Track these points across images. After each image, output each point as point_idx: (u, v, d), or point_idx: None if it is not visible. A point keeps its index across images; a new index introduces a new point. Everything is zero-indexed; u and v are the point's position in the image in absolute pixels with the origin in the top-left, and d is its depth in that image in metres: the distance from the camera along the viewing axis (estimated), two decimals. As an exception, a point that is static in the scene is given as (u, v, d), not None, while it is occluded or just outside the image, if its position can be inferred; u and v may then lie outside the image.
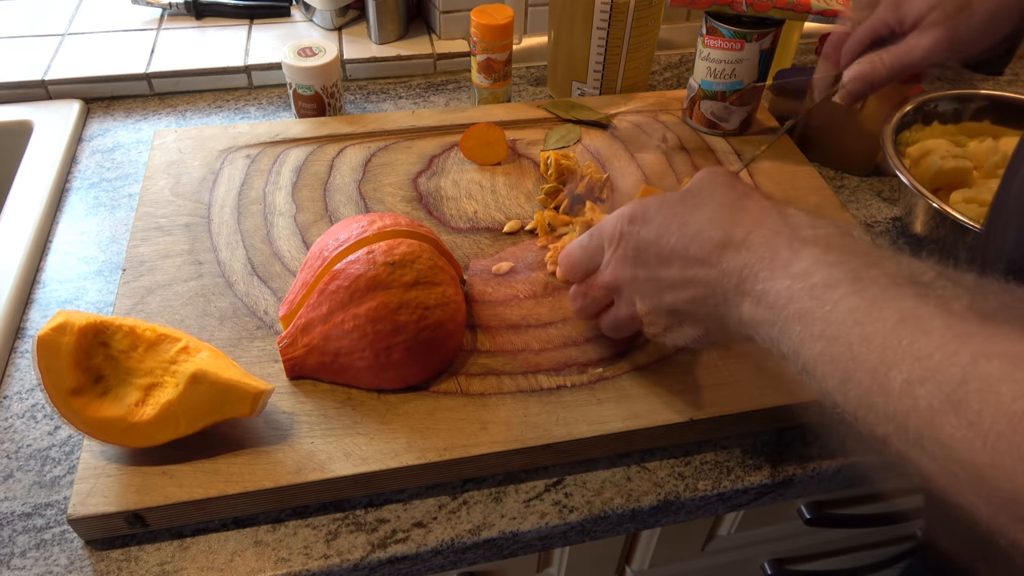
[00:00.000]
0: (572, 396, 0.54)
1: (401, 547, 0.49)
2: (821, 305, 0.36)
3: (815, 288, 0.36)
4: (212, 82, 0.87)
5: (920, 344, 0.31)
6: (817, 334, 0.36)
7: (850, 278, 0.36)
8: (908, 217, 0.71)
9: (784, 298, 0.38)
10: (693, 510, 0.54)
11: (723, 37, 0.72)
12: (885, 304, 0.34)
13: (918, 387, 0.31)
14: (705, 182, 0.47)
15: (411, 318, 0.51)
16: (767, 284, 0.39)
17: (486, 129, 0.73)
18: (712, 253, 0.42)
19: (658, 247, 0.45)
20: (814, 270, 0.37)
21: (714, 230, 0.43)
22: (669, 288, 0.45)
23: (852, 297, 0.35)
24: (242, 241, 0.64)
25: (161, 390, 0.48)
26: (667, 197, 0.47)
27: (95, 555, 0.48)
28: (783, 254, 0.39)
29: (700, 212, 0.44)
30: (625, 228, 0.47)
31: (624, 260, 0.47)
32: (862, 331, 0.34)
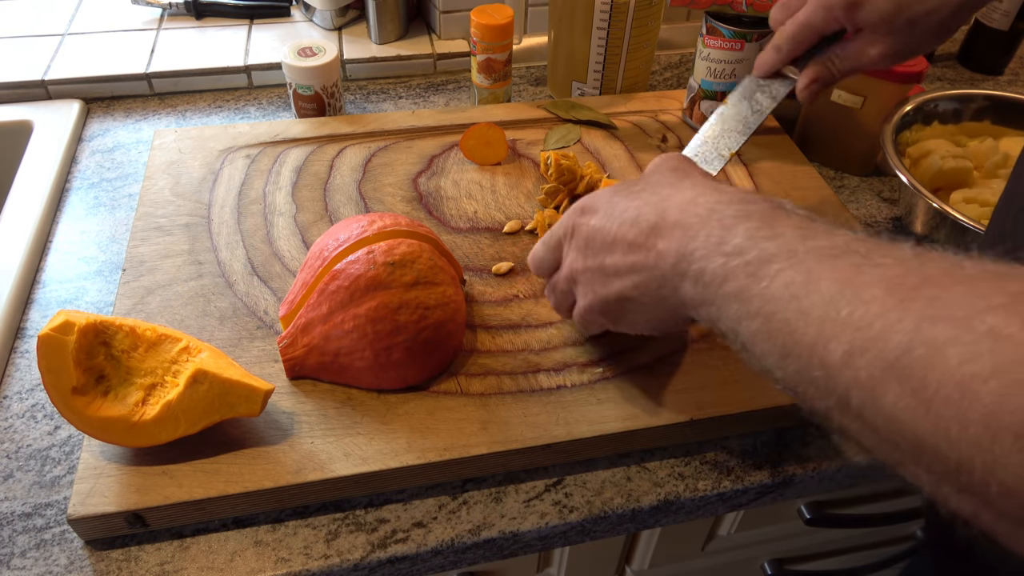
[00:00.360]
0: (572, 396, 0.54)
1: (401, 547, 0.49)
2: (757, 281, 0.35)
3: (750, 264, 0.36)
4: (212, 82, 0.87)
5: (859, 313, 0.30)
6: (754, 311, 0.35)
7: (785, 252, 0.35)
8: (908, 217, 0.71)
9: (720, 277, 0.37)
10: (693, 510, 0.54)
11: (723, 37, 0.72)
12: (822, 276, 0.33)
13: (858, 358, 0.30)
14: (653, 168, 0.47)
15: (411, 318, 0.51)
16: (703, 263, 0.38)
17: (486, 129, 0.73)
18: (649, 236, 0.42)
19: (602, 235, 0.45)
20: (748, 246, 0.36)
21: (650, 213, 0.43)
22: (614, 276, 0.45)
23: (788, 271, 0.34)
24: (242, 241, 0.64)
25: (162, 390, 0.48)
26: (615, 187, 0.47)
27: (95, 555, 0.48)
28: (716, 232, 0.38)
29: (641, 197, 0.44)
30: (576, 220, 0.47)
31: (577, 252, 0.47)
32: (799, 305, 0.33)
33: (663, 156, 0.48)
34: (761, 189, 0.72)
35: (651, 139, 0.78)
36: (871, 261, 0.33)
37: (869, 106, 0.75)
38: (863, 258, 0.33)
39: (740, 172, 0.75)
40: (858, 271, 0.32)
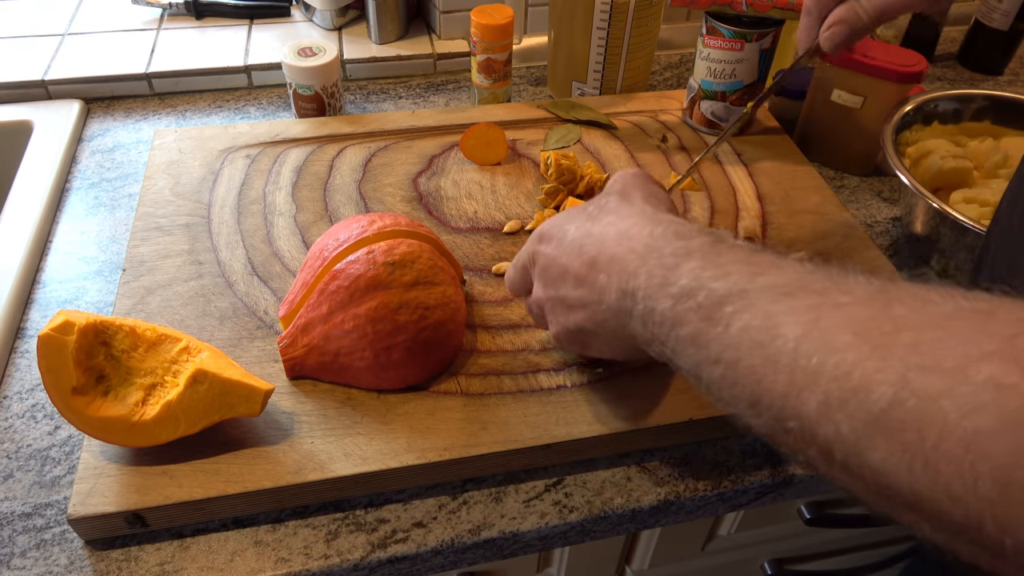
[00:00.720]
0: (572, 396, 0.54)
1: (401, 547, 0.49)
2: (712, 326, 0.34)
3: (702, 308, 0.34)
4: (212, 82, 0.87)
5: (833, 362, 0.29)
6: (714, 357, 0.34)
7: (736, 292, 0.33)
8: (908, 217, 0.71)
9: (670, 320, 0.36)
10: (693, 510, 0.54)
11: (723, 37, 0.72)
12: (781, 319, 0.31)
13: (837, 410, 0.28)
14: (607, 187, 0.46)
15: (411, 318, 0.51)
16: (649, 304, 0.37)
17: (486, 129, 0.73)
18: (590, 270, 0.41)
19: (556, 266, 0.44)
20: (695, 287, 0.35)
21: (591, 245, 0.41)
22: (570, 308, 0.44)
23: (743, 314, 0.33)
24: (242, 241, 0.65)
25: (162, 390, 0.48)
26: (573, 212, 0.45)
27: (95, 555, 0.48)
28: (657, 272, 0.37)
29: (585, 226, 0.43)
30: (536, 248, 0.46)
31: (539, 280, 0.46)
32: (763, 352, 0.31)
33: (620, 174, 0.47)
34: (761, 189, 0.72)
35: (651, 139, 0.78)
36: (830, 300, 0.31)
37: (869, 106, 0.75)
38: (820, 296, 0.31)
39: (740, 172, 0.75)
40: (820, 312, 0.30)
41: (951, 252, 0.67)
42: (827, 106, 0.77)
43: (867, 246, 0.67)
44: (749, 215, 0.70)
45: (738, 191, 0.72)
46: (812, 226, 0.69)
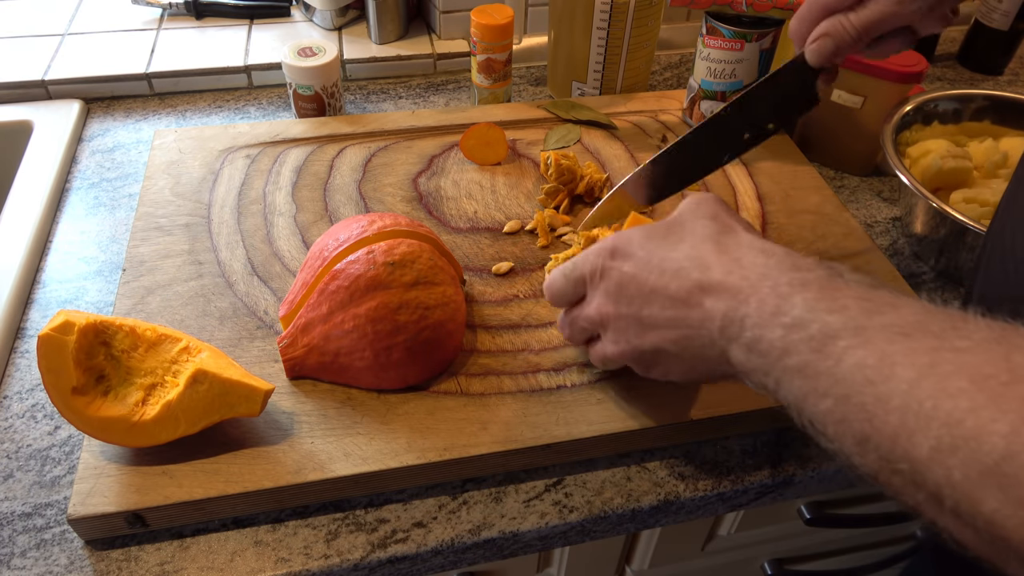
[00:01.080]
0: (572, 396, 0.54)
1: (401, 547, 0.49)
2: (824, 359, 0.33)
3: (813, 339, 0.34)
4: (212, 82, 0.87)
5: (946, 408, 0.28)
6: (823, 391, 0.33)
7: (851, 328, 0.33)
8: (908, 217, 0.71)
9: (778, 349, 0.35)
10: (693, 510, 0.54)
11: (723, 37, 0.72)
12: (897, 359, 0.31)
13: (949, 456, 0.28)
14: (688, 213, 0.45)
15: (411, 318, 0.51)
16: (757, 332, 0.36)
17: (486, 129, 0.73)
18: (692, 293, 0.40)
19: (638, 284, 0.43)
20: (809, 319, 0.34)
21: (694, 268, 0.41)
22: (652, 327, 0.43)
23: (858, 351, 0.32)
24: (242, 241, 0.65)
25: (162, 390, 0.48)
26: (650, 229, 0.45)
27: (95, 555, 0.48)
28: (770, 300, 0.36)
29: (681, 247, 0.42)
30: (607, 263, 0.45)
31: (607, 296, 0.45)
32: (875, 390, 0.31)
33: (698, 199, 0.46)
34: (761, 189, 0.72)
35: (651, 139, 0.78)
36: (948, 344, 0.31)
37: (869, 106, 0.75)
38: (938, 339, 0.31)
39: (740, 172, 0.75)
40: (936, 356, 0.30)
41: (951, 252, 0.67)
42: (827, 106, 0.77)
43: (867, 246, 0.67)
44: (749, 215, 0.70)
45: (738, 191, 0.72)
46: (812, 226, 0.69)
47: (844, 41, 0.51)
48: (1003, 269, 0.46)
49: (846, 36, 0.50)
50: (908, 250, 0.72)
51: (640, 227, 0.46)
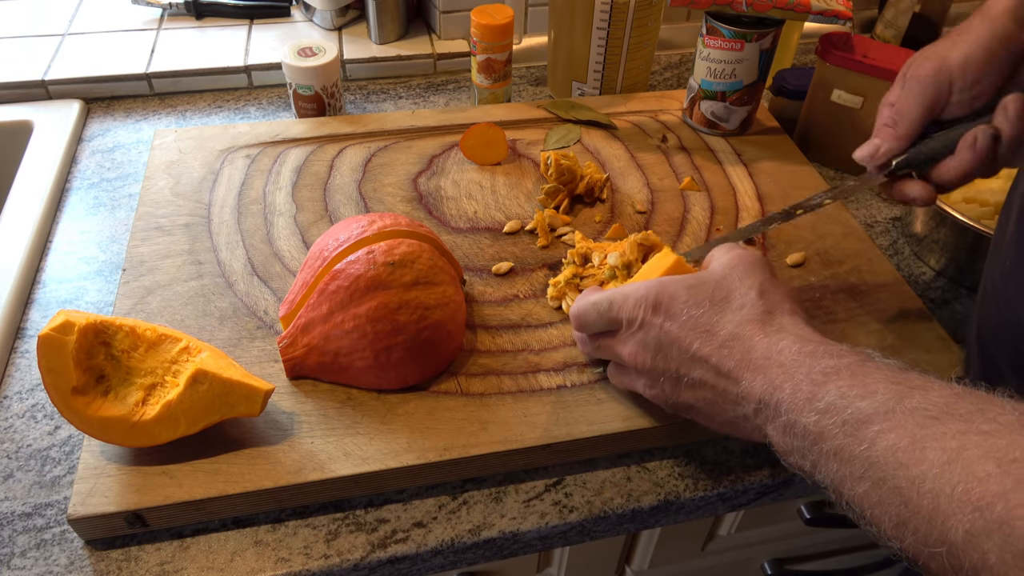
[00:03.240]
0: (572, 396, 0.54)
1: (401, 547, 0.49)
2: (857, 443, 0.35)
3: (847, 425, 0.35)
4: (212, 82, 0.87)
5: (977, 492, 0.30)
6: (859, 474, 0.35)
7: (882, 412, 0.35)
8: (908, 217, 0.71)
9: (814, 433, 0.37)
10: (693, 510, 0.54)
11: (723, 37, 0.72)
12: (927, 443, 0.32)
13: (984, 540, 0.29)
14: (736, 279, 0.45)
15: (411, 318, 0.51)
16: (792, 416, 0.38)
17: (486, 129, 0.73)
18: (733, 370, 0.42)
19: (680, 347, 0.44)
20: (842, 405, 0.36)
21: (736, 345, 0.42)
22: (688, 387, 0.44)
23: (889, 434, 0.34)
24: (242, 241, 0.65)
25: (162, 390, 0.48)
26: (694, 292, 0.45)
27: (95, 555, 0.48)
28: (804, 387, 0.38)
29: (725, 320, 0.43)
30: (648, 317, 0.45)
31: (643, 347, 0.46)
32: (908, 474, 0.32)
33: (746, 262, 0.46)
34: (761, 189, 0.72)
35: (651, 139, 0.78)
36: (975, 427, 0.32)
37: (869, 106, 0.75)
38: (965, 422, 0.32)
39: (740, 172, 0.75)
40: (964, 439, 0.31)
41: (951, 252, 0.67)
42: (827, 106, 0.77)
43: (867, 246, 0.67)
44: (749, 215, 0.70)
45: (738, 191, 0.72)
46: (812, 226, 0.69)
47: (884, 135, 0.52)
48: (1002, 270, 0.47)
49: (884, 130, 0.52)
50: (908, 250, 0.72)
51: (683, 284, 0.45)
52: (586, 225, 0.68)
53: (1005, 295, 0.45)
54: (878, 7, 0.98)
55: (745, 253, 0.47)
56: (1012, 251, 0.45)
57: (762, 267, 0.46)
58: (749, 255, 0.47)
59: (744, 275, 0.45)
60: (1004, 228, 0.47)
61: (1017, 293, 0.44)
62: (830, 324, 0.60)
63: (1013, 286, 0.45)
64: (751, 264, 0.46)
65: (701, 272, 0.47)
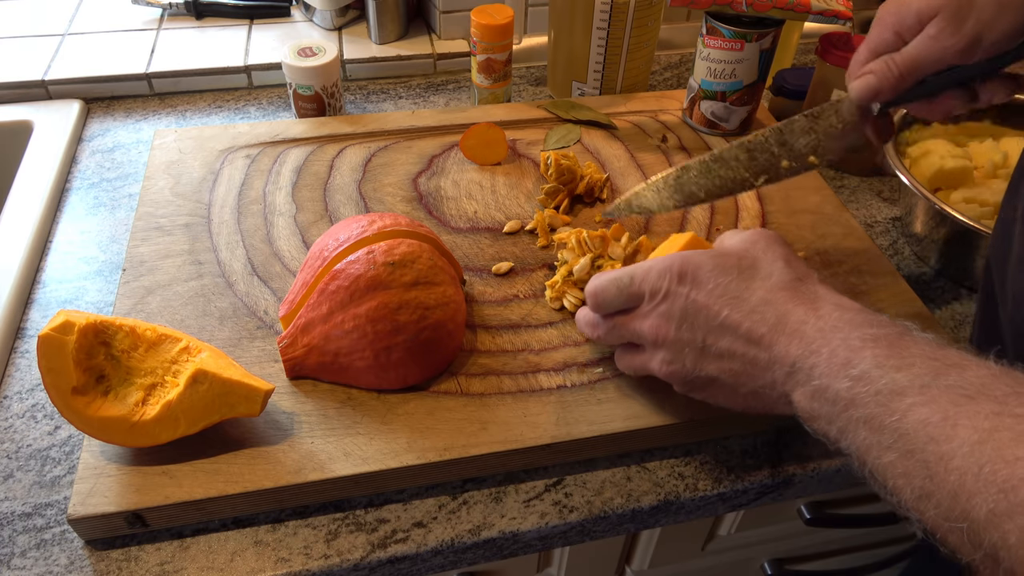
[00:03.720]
0: (572, 396, 0.54)
1: (401, 547, 0.49)
2: (889, 413, 0.35)
3: (880, 395, 0.35)
4: (212, 82, 0.87)
5: (1003, 474, 0.30)
6: (887, 444, 0.35)
7: (917, 386, 0.35)
8: (908, 217, 0.71)
9: (845, 399, 0.37)
10: (693, 510, 0.54)
11: (723, 37, 0.72)
12: (959, 420, 0.32)
13: (1006, 521, 0.29)
14: (760, 251, 0.45)
15: (411, 318, 0.51)
16: (825, 381, 0.38)
17: (486, 129, 0.73)
18: (765, 335, 0.41)
19: (708, 315, 0.43)
20: (877, 375, 0.36)
21: (768, 310, 0.42)
22: (715, 357, 0.44)
23: (922, 408, 0.34)
24: (242, 241, 0.65)
25: (162, 390, 0.48)
26: (720, 260, 0.45)
27: (95, 555, 0.48)
28: (841, 352, 0.38)
29: (755, 287, 0.43)
30: (673, 287, 0.45)
31: (668, 318, 0.45)
32: (937, 448, 0.32)
33: (765, 236, 0.46)
34: (761, 189, 0.72)
35: (651, 139, 0.78)
36: (1009, 410, 0.32)
37: (869, 106, 0.75)
38: (1000, 404, 0.32)
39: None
40: (997, 421, 0.32)
41: (951, 252, 0.67)
42: (827, 106, 0.77)
43: (867, 246, 0.67)
44: (749, 215, 0.70)
45: (738, 191, 0.72)
46: (812, 226, 0.69)
47: (886, 78, 0.50)
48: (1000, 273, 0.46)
49: (888, 74, 0.50)
50: (908, 250, 0.72)
51: (707, 254, 0.45)
52: (586, 225, 0.68)
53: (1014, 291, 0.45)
54: (878, 7, 0.98)
55: (762, 230, 0.47)
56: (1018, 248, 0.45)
57: (782, 242, 0.46)
58: (767, 231, 0.47)
59: (767, 247, 0.45)
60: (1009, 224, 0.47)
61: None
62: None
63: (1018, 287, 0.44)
64: (771, 238, 0.46)
65: (724, 246, 0.47)
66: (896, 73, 0.50)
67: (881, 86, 0.51)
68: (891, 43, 0.51)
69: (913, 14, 0.49)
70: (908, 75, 0.50)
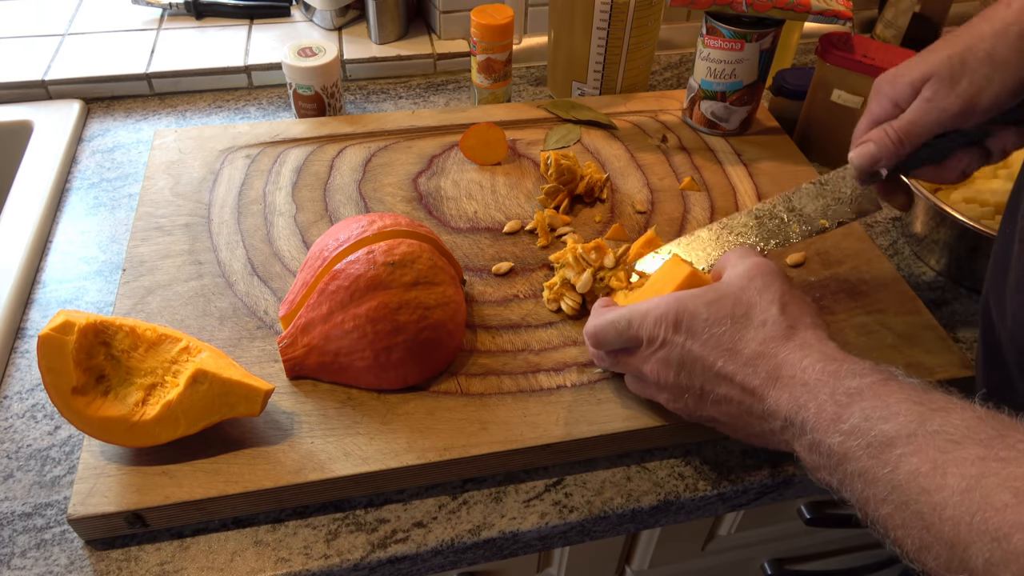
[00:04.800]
0: (572, 396, 0.54)
1: (401, 547, 0.49)
2: (881, 465, 0.35)
3: (871, 447, 0.36)
4: (212, 82, 0.87)
5: (994, 522, 0.30)
6: (882, 496, 0.35)
7: (904, 435, 0.35)
8: (908, 217, 0.71)
9: (839, 454, 0.37)
10: (693, 510, 0.54)
11: (723, 37, 0.72)
12: (948, 468, 0.33)
13: (1003, 570, 0.29)
14: (755, 292, 0.45)
15: (411, 318, 0.51)
16: (818, 436, 0.38)
17: (486, 129, 0.73)
18: (758, 387, 0.42)
19: (704, 365, 0.44)
20: (866, 427, 0.36)
21: (760, 363, 0.42)
22: (714, 403, 0.45)
23: (911, 458, 0.34)
24: (242, 241, 0.65)
25: (162, 390, 0.48)
26: (715, 309, 0.45)
27: (95, 555, 0.48)
28: (829, 408, 0.38)
29: (748, 336, 0.43)
30: (669, 336, 0.45)
31: (667, 364, 0.46)
32: (930, 499, 0.33)
33: (763, 273, 0.46)
34: (761, 189, 0.72)
35: (651, 139, 0.78)
36: (994, 454, 0.32)
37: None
38: (985, 448, 0.32)
39: (740, 172, 0.75)
40: (984, 466, 0.32)
41: (951, 252, 0.67)
42: (827, 106, 0.77)
43: (867, 246, 0.67)
44: (749, 215, 0.70)
45: (738, 191, 0.72)
46: (812, 226, 0.69)
47: (884, 145, 0.51)
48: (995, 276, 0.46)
49: (885, 140, 0.51)
50: (908, 250, 0.72)
51: (702, 300, 0.45)
52: (586, 225, 0.68)
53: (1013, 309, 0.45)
54: (878, 7, 0.98)
55: (761, 262, 0.47)
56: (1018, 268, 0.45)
57: (780, 278, 0.46)
58: (765, 265, 0.47)
59: (763, 288, 0.45)
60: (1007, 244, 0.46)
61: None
62: (830, 324, 0.60)
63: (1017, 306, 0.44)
64: (769, 276, 0.46)
65: (718, 285, 0.46)
66: (894, 138, 0.50)
67: (880, 153, 0.51)
68: (889, 113, 0.52)
69: (907, 83, 0.50)
70: (906, 140, 0.50)
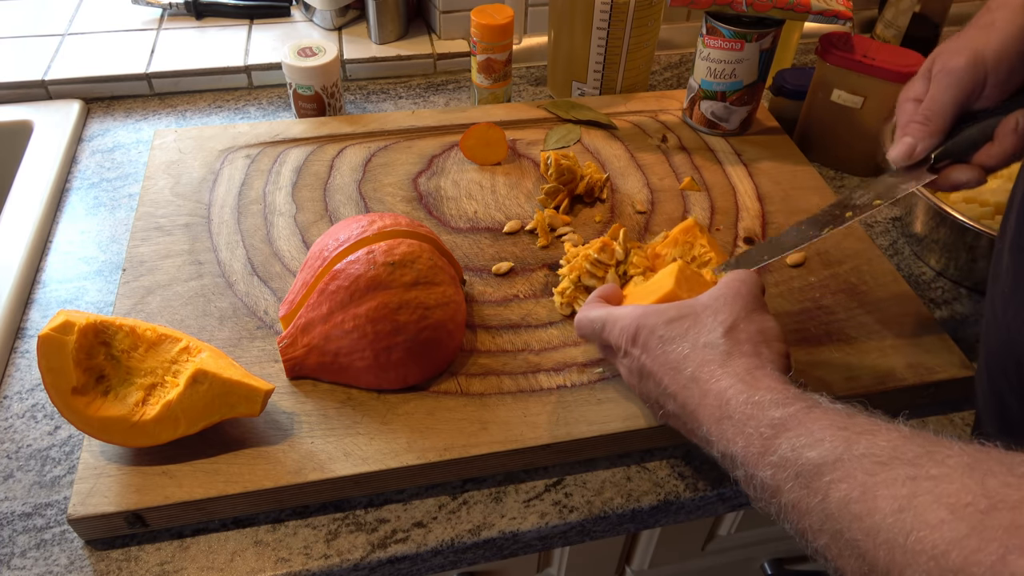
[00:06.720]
0: (572, 396, 0.54)
1: (401, 547, 0.49)
2: (811, 495, 0.35)
3: (800, 477, 0.35)
4: (212, 82, 0.87)
5: (930, 541, 0.29)
6: (817, 527, 0.35)
7: (831, 461, 0.34)
8: (908, 217, 0.71)
9: (771, 487, 0.37)
10: (693, 510, 0.54)
11: (723, 37, 0.72)
12: (878, 491, 0.32)
13: None
14: (710, 313, 0.45)
15: (411, 318, 0.51)
16: (750, 471, 0.39)
17: (486, 129, 0.73)
18: (695, 411, 0.43)
19: (655, 380, 0.45)
20: (793, 457, 0.36)
21: (694, 388, 0.43)
22: (667, 416, 0.46)
23: (840, 484, 0.33)
24: (242, 241, 0.65)
25: (162, 390, 0.48)
26: (671, 326, 0.45)
27: (95, 555, 0.48)
28: (756, 443, 0.38)
29: (690, 357, 0.44)
30: (628, 347, 0.47)
31: (630, 372, 0.47)
32: (862, 525, 0.32)
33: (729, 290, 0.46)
34: (761, 189, 0.72)
35: (651, 139, 0.78)
36: (924, 472, 0.31)
37: (869, 106, 0.75)
38: (914, 467, 0.32)
39: (740, 172, 0.75)
40: (915, 485, 0.31)
41: (951, 252, 0.67)
42: (827, 106, 0.77)
43: (867, 246, 0.67)
44: (749, 215, 0.70)
45: (738, 191, 0.72)
46: (812, 226, 0.69)
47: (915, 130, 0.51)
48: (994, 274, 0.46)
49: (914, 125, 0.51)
50: (908, 250, 0.72)
51: (664, 317, 0.46)
52: (586, 225, 0.68)
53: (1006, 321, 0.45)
54: (878, 7, 0.98)
55: (735, 283, 0.47)
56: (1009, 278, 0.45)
57: (742, 300, 0.46)
58: (736, 286, 0.46)
59: (719, 310, 0.45)
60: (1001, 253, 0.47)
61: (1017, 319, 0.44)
62: (830, 324, 0.60)
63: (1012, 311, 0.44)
64: (731, 297, 0.46)
65: (686, 302, 0.47)
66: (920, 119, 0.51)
67: (914, 139, 0.51)
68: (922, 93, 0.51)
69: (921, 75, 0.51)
70: (931, 116, 0.50)
